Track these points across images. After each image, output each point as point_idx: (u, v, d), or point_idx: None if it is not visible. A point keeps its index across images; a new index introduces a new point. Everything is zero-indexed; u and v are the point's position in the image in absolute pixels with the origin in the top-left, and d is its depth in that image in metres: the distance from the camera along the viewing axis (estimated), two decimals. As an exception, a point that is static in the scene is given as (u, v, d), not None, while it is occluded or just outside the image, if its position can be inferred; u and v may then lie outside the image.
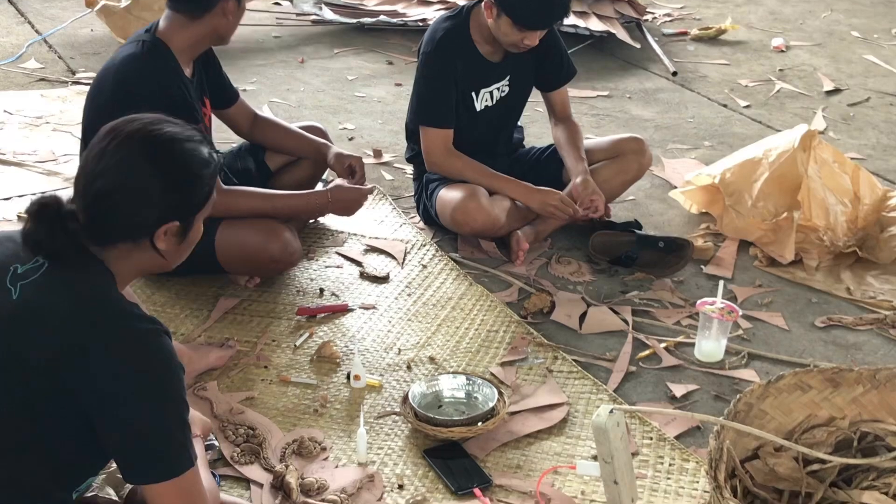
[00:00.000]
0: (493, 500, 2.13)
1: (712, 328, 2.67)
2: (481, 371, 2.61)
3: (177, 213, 1.68)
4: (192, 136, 1.71)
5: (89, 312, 1.60)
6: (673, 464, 2.26)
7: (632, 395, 2.55)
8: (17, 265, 1.65)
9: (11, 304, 1.61)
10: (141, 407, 1.59)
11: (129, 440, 1.63)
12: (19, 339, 1.59)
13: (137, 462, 1.65)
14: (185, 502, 1.64)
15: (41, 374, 1.57)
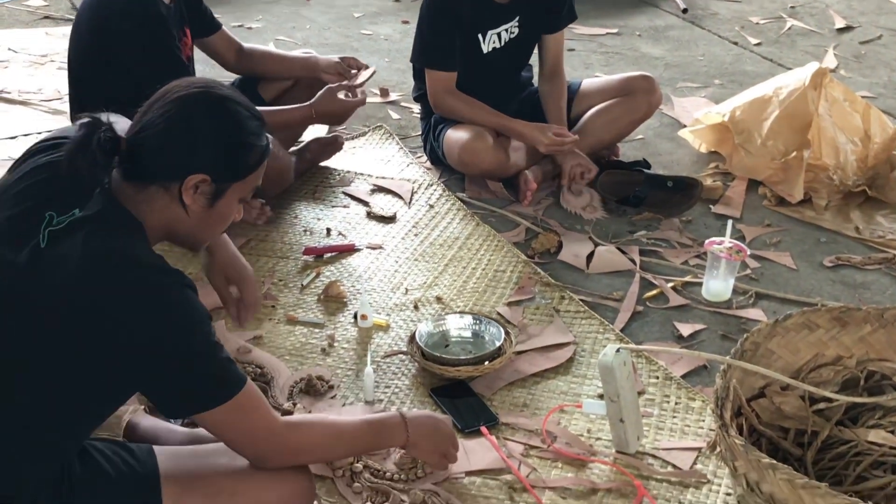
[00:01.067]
0: (499, 438, 2.14)
1: (720, 268, 2.66)
2: (488, 311, 2.61)
3: (213, 170, 1.65)
4: (255, 114, 1.72)
5: (114, 265, 1.58)
6: (679, 402, 2.26)
7: (638, 334, 2.55)
8: (53, 213, 1.64)
9: (38, 251, 1.60)
10: (169, 359, 1.59)
11: (163, 388, 1.63)
12: (40, 287, 1.58)
13: (173, 405, 1.67)
14: (239, 422, 1.66)
15: (61, 324, 1.57)
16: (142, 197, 1.66)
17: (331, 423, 1.84)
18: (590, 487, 2.00)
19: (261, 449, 1.72)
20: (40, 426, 1.63)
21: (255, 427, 1.69)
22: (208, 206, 1.68)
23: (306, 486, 1.82)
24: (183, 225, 1.69)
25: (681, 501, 1.97)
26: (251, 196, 1.77)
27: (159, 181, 1.65)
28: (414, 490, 1.96)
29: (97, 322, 1.56)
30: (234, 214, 1.75)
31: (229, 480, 1.75)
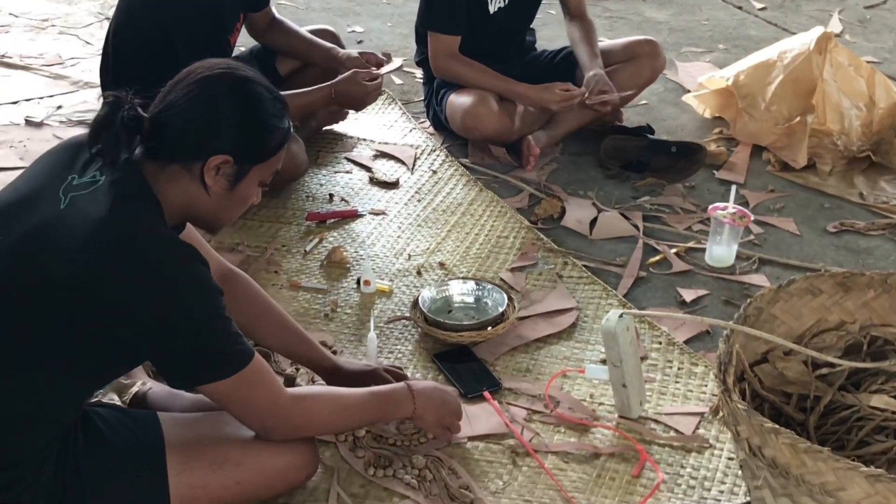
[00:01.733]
0: (502, 403, 2.14)
1: (723, 233, 2.65)
2: (491, 276, 2.60)
3: (235, 151, 1.65)
4: (278, 97, 1.71)
5: (127, 233, 1.58)
6: (682, 368, 2.26)
7: (641, 300, 2.54)
8: (74, 176, 1.65)
9: (57, 212, 1.60)
10: (177, 331, 1.59)
11: (170, 360, 1.64)
12: (55, 249, 1.57)
13: (180, 377, 1.67)
14: (245, 396, 1.67)
15: (71, 289, 1.56)
16: (163, 175, 1.65)
17: (337, 396, 1.84)
18: (592, 452, 2.01)
19: (267, 422, 1.72)
20: (42, 393, 1.63)
21: (262, 401, 1.69)
22: (229, 188, 1.68)
23: (310, 454, 1.83)
24: (203, 205, 1.69)
25: (683, 466, 1.98)
26: (271, 179, 1.76)
27: (181, 160, 1.65)
28: (417, 455, 1.96)
29: (106, 289, 1.55)
30: (254, 197, 1.74)
31: (234, 449, 1.75)
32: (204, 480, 1.73)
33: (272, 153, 1.70)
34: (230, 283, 1.94)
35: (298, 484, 1.85)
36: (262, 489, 1.80)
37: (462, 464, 1.97)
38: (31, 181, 1.69)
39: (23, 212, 1.63)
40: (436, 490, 1.89)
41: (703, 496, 1.90)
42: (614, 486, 1.93)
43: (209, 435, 1.76)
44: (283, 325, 2.02)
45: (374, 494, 1.90)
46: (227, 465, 1.74)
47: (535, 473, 1.96)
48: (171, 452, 1.72)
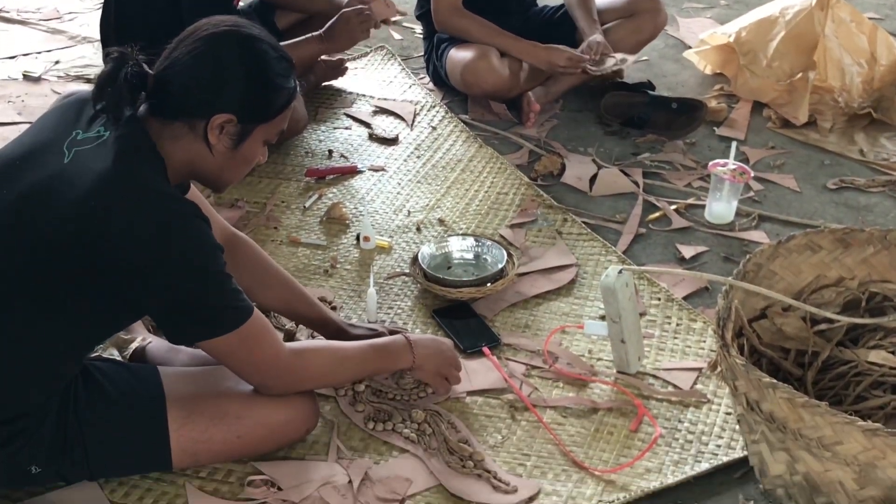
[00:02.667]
0: (501, 358, 2.14)
1: (723, 190, 2.64)
2: (490, 233, 2.60)
3: (239, 111, 1.63)
4: (284, 55, 1.69)
5: (129, 187, 1.57)
6: (680, 324, 2.27)
7: (641, 256, 2.54)
8: (79, 131, 1.64)
9: (60, 167, 1.60)
10: (177, 286, 1.59)
11: (169, 315, 1.64)
12: (56, 203, 1.57)
13: (179, 332, 1.67)
14: (244, 352, 1.67)
15: (72, 242, 1.56)
16: (167, 133, 1.64)
17: (335, 349, 1.85)
18: (590, 407, 2.01)
19: (266, 377, 1.73)
20: (44, 347, 1.63)
21: (261, 357, 1.70)
22: (233, 147, 1.66)
23: (310, 408, 1.84)
24: (206, 164, 1.68)
25: (680, 420, 1.98)
26: (276, 139, 1.75)
27: (184, 118, 1.64)
28: (416, 410, 1.97)
29: (106, 241, 1.55)
30: (259, 157, 1.73)
31: (234, 403, 1.76)
32: (205, 434, 1.74)
33: (277, 113, 1.69)
34: (233, 246, 1.93)
35: (299, 438, 1.86)
36: (262, 443, 1.81)
37: (461, 418, 1.98)
38: (35, 136, 1.69)
39: (27, 167, 1.62)
40: (435, 444, 1.90)
41: (700, 450, 1.91)
42: (612, 441, 1.93)
43: (210, 389, 1.77)
44: (287, 287, 2.01)
45: (373, 448, 1.90)
46: (228, 420, 1.75)
47: (533, 428, 1.96)
48: (171, 406, 1.72)
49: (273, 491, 1.78)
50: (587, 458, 1.89)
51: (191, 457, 1.76)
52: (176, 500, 1.77)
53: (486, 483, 1.82)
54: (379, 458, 1.88)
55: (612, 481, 1.83)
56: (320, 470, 1.83)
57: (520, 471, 1.86)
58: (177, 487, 1.79)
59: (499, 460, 1.88)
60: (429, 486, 1.82)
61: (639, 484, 1.83)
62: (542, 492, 1.81)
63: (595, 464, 1.88)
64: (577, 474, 1.85)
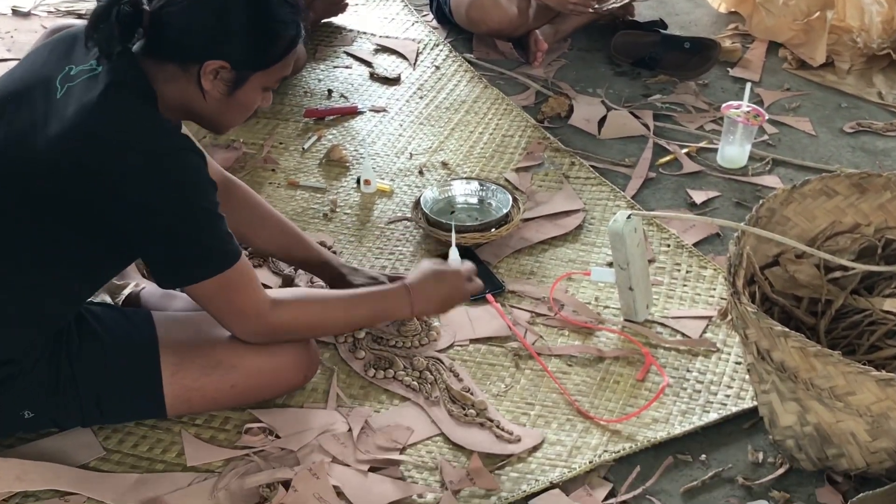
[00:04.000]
0: (505, 305, 2.14)
1: (736, 133, 2.62)
2: (495, 177, 2.58)
3: (233, 57, 1.60)
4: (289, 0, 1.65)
5: (119, 120, 1.56)
6: (690, 271, 2.26)
7: (650, 201, 2.53)
8: (72, 66, 1.62)
9: (52, 102, 1.58)
10: (166, 222, 1.57)
11: (157, 253, 1.63)
12: (46, 138, 1.56)
13: (167, 271, 1.66)
14: (225, 299, 1.66)
15: (59, 176, 1.55)
16: (161, 73, 1.61)
17: (322, 300, 1.82)
18: (596, 355, 2.01)
19: (246, 327, 1.72)
20: (36, 293, 1.63)
21: (241, 305, 1.68)
22: (227, 94, 1.64)
23: (308, 356, 1.83)
24: (200, 108, 1.65)
25: (689, 370, 1.98)
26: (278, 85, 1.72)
27: (178, 61, 1.61)
28: (418, 357, 1.97)
29: (94, 173, 1.54)
30: (259, 102, 1.70)
31: (228, 352, 1.76)
32: (198, 383, 1.74)
33: (275, 60, 1.65)
34: (226, 190, 1.92)
35: (296, 386, 1.86)
36: (258, 392, 1.81)
37: (464, 366, 1.98)
38: (28, 72, 1.67)
39: (20, 103, 1.61)
40: (437, 392, 1.90)
41: (708, 400, 1.91)
42: (618, 390, 1.94)
43: (203, 336, 1.76)
44: (283, 230, 2.00)
45: (373, 396, 1.91)
46: (221, 369, 1.75)
47: (537, 377, 1.96)
48: (164, 352, 1.72)
49: (271, 439, 1.79)
50: (592, 407, 1.89)
51: (185, 404, 1.76)
52: (171, 447, 1.78)
53: (489, 432, 1.82)
54: (379, 406, 1.89)
55: (618, 431, 1.84)
56: (319, 418, 1.83)
57: (523, 420, 1.87)
58: (172, 435, 1.80)
59: (502, 409, 1.89)
60: (430, 434, 1.83)
61: (645, 434, 1.83)
62: (546, 441, 1.82)
63: (600, 413, 1.88)
64: (582, 424, 1.86)
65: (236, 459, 1.75)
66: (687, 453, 1.81)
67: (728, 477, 1.77)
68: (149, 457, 1.77)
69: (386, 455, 1.77)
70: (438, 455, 1.78)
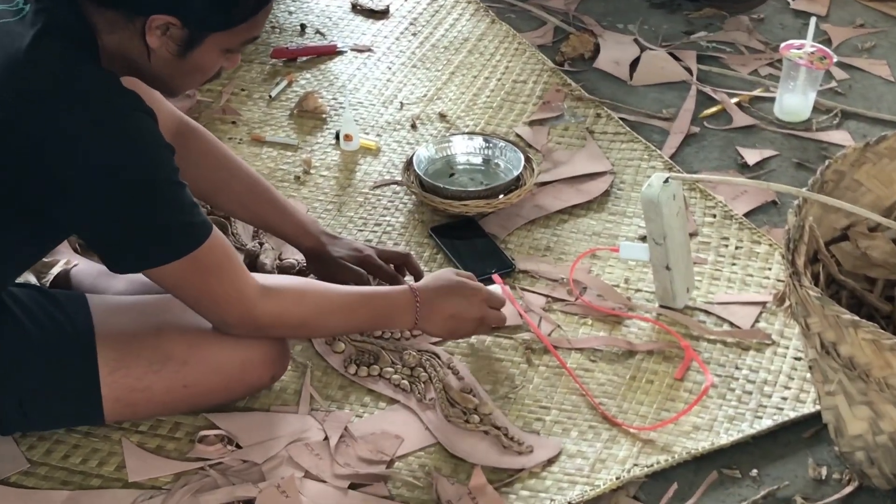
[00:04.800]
0: (515, 288, 2.14)
1: (798, 79, 2.62)
2: (504, 131, 2.58)
3: (190, 12, 1.58)
4: None
5: (48, 76, 1.55)
6: (740, 247, 2.26)
7: (693, 162, 2.53)
8: None
9: None
10: (115, 196, 1.57)
11: (106, 235, 1.63)
12: None
13: (121, 254, 1.65)
14: (200, 283, 1.67)
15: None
16: (102, 20, 1.60)
17: (320, 294, 1.82)
18: (626, 349, 2.02)
19: (228, 317, 1.72)
20: None
21: (221, 291, 1.69)
22: (179, 55, 1.62)
23: (276, 350, 1.83)
24: (147, 67, 1.64)
25: (738, 367, 1.99)
26: (245, 47, 1.71)
27: (121, 9, 1.59)
28: (409, 351, 1.97)
29: (20, 143, 1.53)
30: (221, 65, 1.69)
31: (180, 344, 1.76)
32: (143, 382, 1.74)
33: (240, 21, 1.62)
34: (184, 138, 1.93)
35: (262, 385, 1.87)
36: (216, 392, 1.81)
37: (465, 361, 1.98)
38: None
39: None
40: (432, 393, 1.91)
41: (761, 403, 1.92)
42: (652, 391, 1.94)
43: (149, 325, 1.76)
44: (253, 190, 2.01)
45: (355, 398, 1.91)
46: (172, 365, 1.75)
47: (554, 375, 1.97)
48: (102, 344, 1.72)
49: (230, 449, 1.79)
50: (621, 412, 1.90)
51: (127, 408, 1.76)
52: (110, 459, 1.79)
53: (495, 442, 1.83)
54: (362, 410, 1.89)
55: (651, 441, 1.84)
56: (289, 424, 1.84)
57: (537, 427, 1.88)
58: (111, 444, 1.80)
59: (511, 414, 1.89)
60: (423, 444, 1.83)
61: (684, 444, 1.84)
62: (565, 453, 1.82)
63: (630, 419, 1.89)
64: (608, 432, 1.86)
65: (188, 474, 1.76)
66: (735, 468, 1.82)
67: (784, 496, 1.77)
68: (82, 470, 1.77)
69: (370, 469, 1.77)
70: (433, 469, 1.79)
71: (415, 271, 2.07)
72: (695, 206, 2.36)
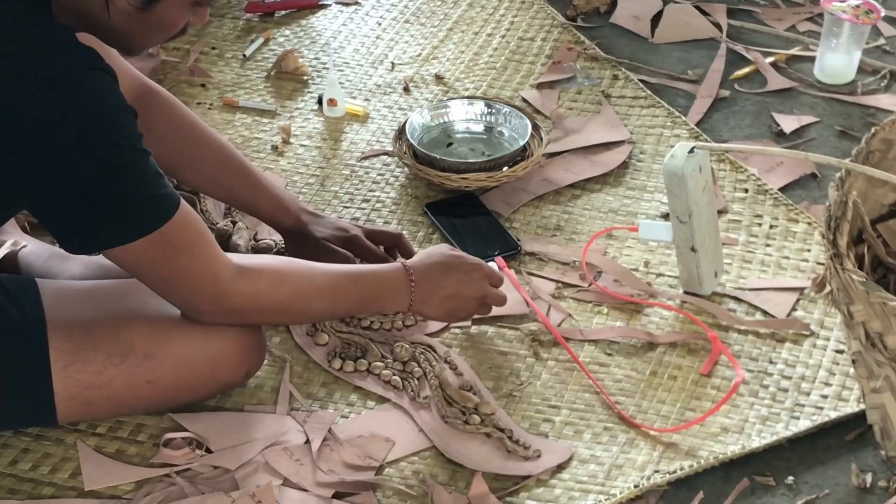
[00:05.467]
0: (521, 272, 2.14)
1: (841, 36, 2.62)
2: (508, 96, 2.59)
3: None
4: None
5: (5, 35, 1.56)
6: (775, 225, 2.26)
7: (722, 129, 2.54)
8: None
9: None
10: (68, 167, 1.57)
11: (59, 211, 1.63)
12: None
13: (78, 232, 1.65)
14: (168, 263, 1.67)
15: None
16: None
17: (303, 275, 1.83)
18: (646, 341, 2.02)
19: (199, 301, 1.73)
20: None
21: (192, 272, 1.69)
22: (140, 8, 1.62)
23: (250, 341, 1.83)
24: (104, 22, 1.64)
25: (772, 361, 1.99)
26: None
27: None
28: (401, 343, 1.97)
29: None
30: (188, 20, 1.69)
31: (142, 334, 1.76)
32: (101, 378, 1.74)
33: None
34: (146, 103, 1.92)
35: (235, 382, 1.87)
36: (184, 389, 1.81)
37: (464, 355, 1.99)
38: None
39: None
40: (427, 391, 1.91)
41: (798, 402, 1.92)
42: (675, 388, 1.95)
43: (108, 312, 1.76)
44: (224, 162, 2.02)
45: (340, 396, 1.92)
46: (134, 358, 1.75)
47: (565, 370, 1.97)
48: (54, 335, 1.72)
49: (200, 454, 1.79)
50: (640, 411, 1.91)
51: (83, 407, 1.76)
52: (64, 465, 1.79)
53: (498, 445, 1.83)
54: (348, 409, 1.90)
55: (674, 444, 1.85)
56: (266, 426, 1.84)
57: (545, 428, 1.88)
58: (65, 448, 1.81)
59: (516, 414, 1.90)
60: (418, 448, 1.84)
61: (711, 448, 1.84)
62: (576, 458, 1.83)
63: (651, 420, 1.89)
64: (626, 434, 1.87)
65: (152, 482, 1.76)
66: (768, 474, 1.82)
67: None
68: (32, 477, 1.77)
69: (357, 476, 1.77)
70: (428, 476, 1.79)
71: (407, 253, 2.08)
72: (724, 179, 2.37)
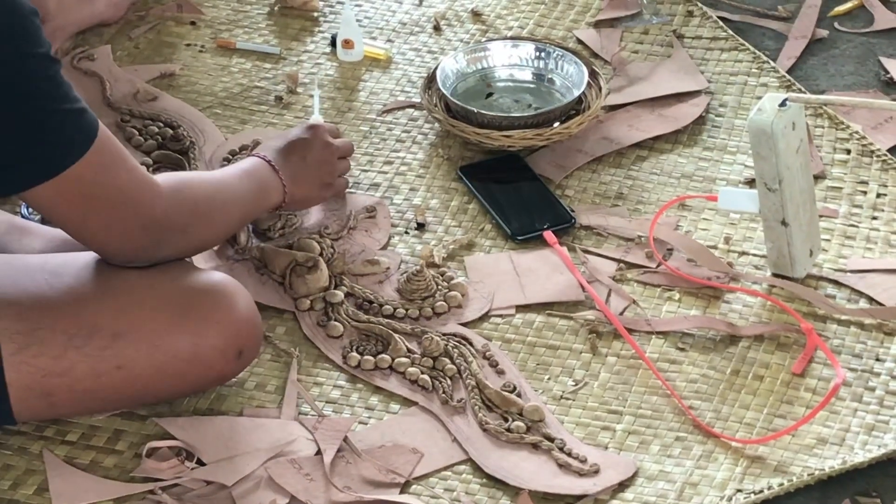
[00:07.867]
0: (575, 250, 2.14)
1: (965, -37, 2.61)
2: (560, 36, 2.59)
3: None
4: None
5: None
6: (884, 194, 2.26)
7: (819, 77, 2.54)
8: None
9: None
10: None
11: None
12: None
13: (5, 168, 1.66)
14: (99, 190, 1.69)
15: None
16: None
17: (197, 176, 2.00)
18: (726, 333, 2.02)
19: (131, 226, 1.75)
20: None
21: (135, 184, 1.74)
22: None
23: (243, 320, 1.83)
24: None
25: (880, 358, 1.99)
26: None
27: None
28: (430, 335, 1.98)
29: None
30: None
31: (109, 311, 1.77)
32: (62, 362, 1.74)
33: None
34: None
35: (226, 369, 1.85)
36: (163, 378, 1.81)
37: (507, 349, 1.99)
38: None
39: None
40: (462, 393, 1.91)
41: (911, 409, 1.92)
42: (761, 391, 1.94)
43: (67, 287, 1.77)
44: None
45: (358, 398, 1.93)
46: (99, 338, 1.75)
47: (628, 367, 1.98)
48: (3, 314, 1.72)
49: (190, 466, 1.80)
50: (719, 418, 1.91)
51: (41, 399, 1.76)
52: (26, 478, 1.80)
53: (548, 458, 1.83)
54: (368, 414, 1.91)
55: (760, 458, 1.85)
56: (269, 433, 1.85)
57: (604, 439, 1.88)
58: (28, 458, 1.82)
59: (569, 421, 1.90)
60: (451, 461, 1.84)
61: (805, 462, 1.84)
62: (641, 474, 1.83)
63: (732, 429, 1.89)
64: (702, 446, 1.87)
65: (133, 499, 1.77)
66: (875, 494, 1.82)
67: (940, 534, 1.78)
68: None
69: (378, 494, 1.78)
70: (464, 494, 1.80)
71: None
72: (821, 138, 2.36)
